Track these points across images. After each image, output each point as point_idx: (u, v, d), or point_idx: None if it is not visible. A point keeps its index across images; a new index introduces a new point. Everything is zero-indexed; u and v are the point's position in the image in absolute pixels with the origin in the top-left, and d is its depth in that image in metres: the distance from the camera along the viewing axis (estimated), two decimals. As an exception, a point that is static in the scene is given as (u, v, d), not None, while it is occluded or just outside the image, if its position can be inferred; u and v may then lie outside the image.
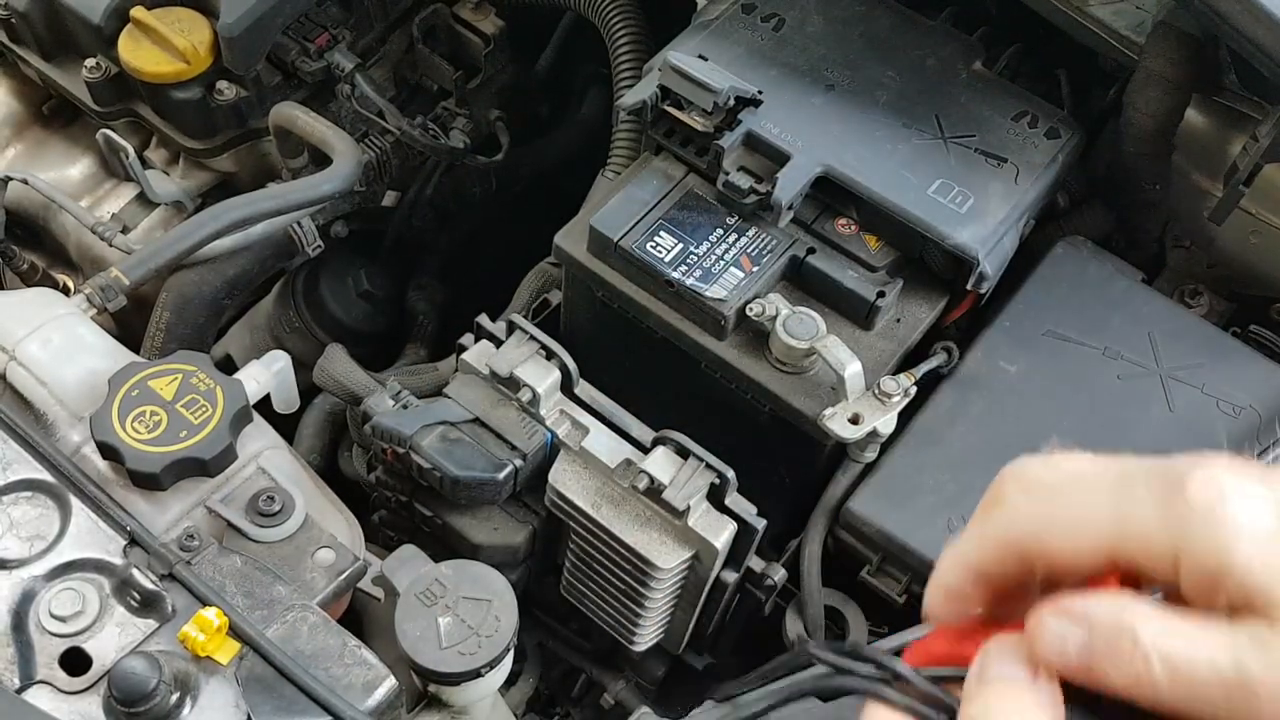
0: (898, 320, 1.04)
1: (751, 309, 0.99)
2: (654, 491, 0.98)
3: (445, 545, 1.11)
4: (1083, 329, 1.07)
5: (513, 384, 1.03)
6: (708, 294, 1.00)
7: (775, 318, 0.98)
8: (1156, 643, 0.46)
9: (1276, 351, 1.10)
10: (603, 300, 1.08)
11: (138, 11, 1.29)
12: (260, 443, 1.00)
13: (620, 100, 1.14)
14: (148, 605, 0.87)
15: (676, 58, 1.02)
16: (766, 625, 1.12)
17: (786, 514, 1.08)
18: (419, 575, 0.92)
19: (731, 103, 1.02)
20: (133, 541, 0.90)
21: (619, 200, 1.04)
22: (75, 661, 0.85)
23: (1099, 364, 1.05)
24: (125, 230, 1.37)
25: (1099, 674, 0.47)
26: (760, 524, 0.98)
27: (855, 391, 0.97)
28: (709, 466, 0.97)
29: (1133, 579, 0.48)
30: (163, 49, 1.30)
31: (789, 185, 1.01)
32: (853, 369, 0.96)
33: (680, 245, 1.01)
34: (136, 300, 1.20)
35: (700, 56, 1.06)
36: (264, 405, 1.07)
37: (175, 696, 0.81)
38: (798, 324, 0.98)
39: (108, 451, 0.93)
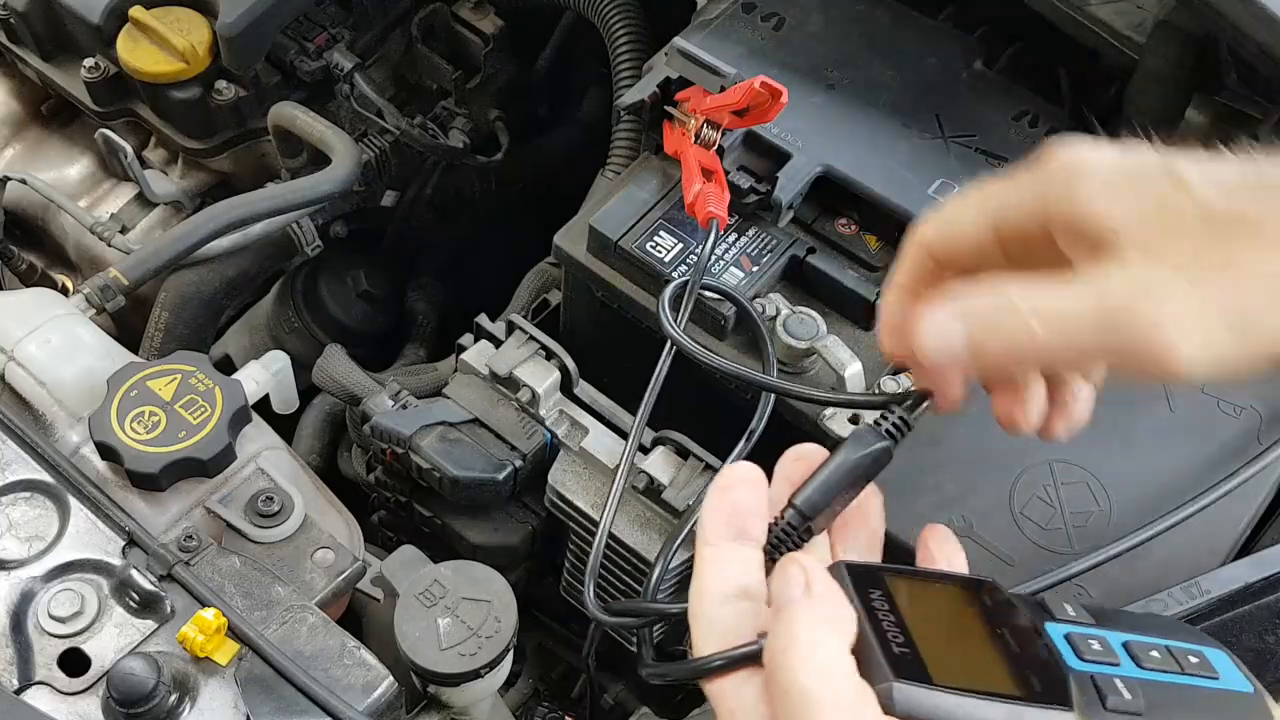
0: (898, 320, 1.04)
1: (752, 309, 0.99)
2: (654, 491, 0.98)
3: (445, 546, 1.11)
4: (1083, 329, 1.07)
5: (512, 384, 1.03)
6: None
7: (775, 318, 0.98)
8: (1032, 305, 0.49)
9: (1277, 351, 1.10)
10: (602, 300, 1.07)
11: (136, 11, 1.29)
12: (259, 443, 1.00)
13: (620, 100, 1.14)
14: (147, 606, 0.87)
15: (683, 43, 1.02)
16: (766, 626, 1.11)
17: (786, 514, 1.08)
18: (418, 576, 0.92)
19: (731, 102, 1.02)
20: (131, 542, 0.89)
21: (619, 200, 1.04)
22: (74, 662, 0.85)
23: (1099, 364, 1.05)
24: (124, 230, 1.36)
25: (986, 352, 0.51)
26: (760, 524, 0.97)
27: (854, 391, 0.97)
28: (709, 467, 0.97)
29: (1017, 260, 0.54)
30: (161, 49, 1.29)
31: (789, 185, 1.01)
32: (853, 369, 0.96)
33: (680, 245, 1.01)
34: (135, 300, 1.20)
35: (700, 56, 1.07)
36: (263, 406, 1.07)
37: (174, 697, 0.81)
38: (798, 324, 0.98)
39: (106, 452, 0.93)
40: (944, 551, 0.58)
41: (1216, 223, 0.47)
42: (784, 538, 0.54)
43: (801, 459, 0.57)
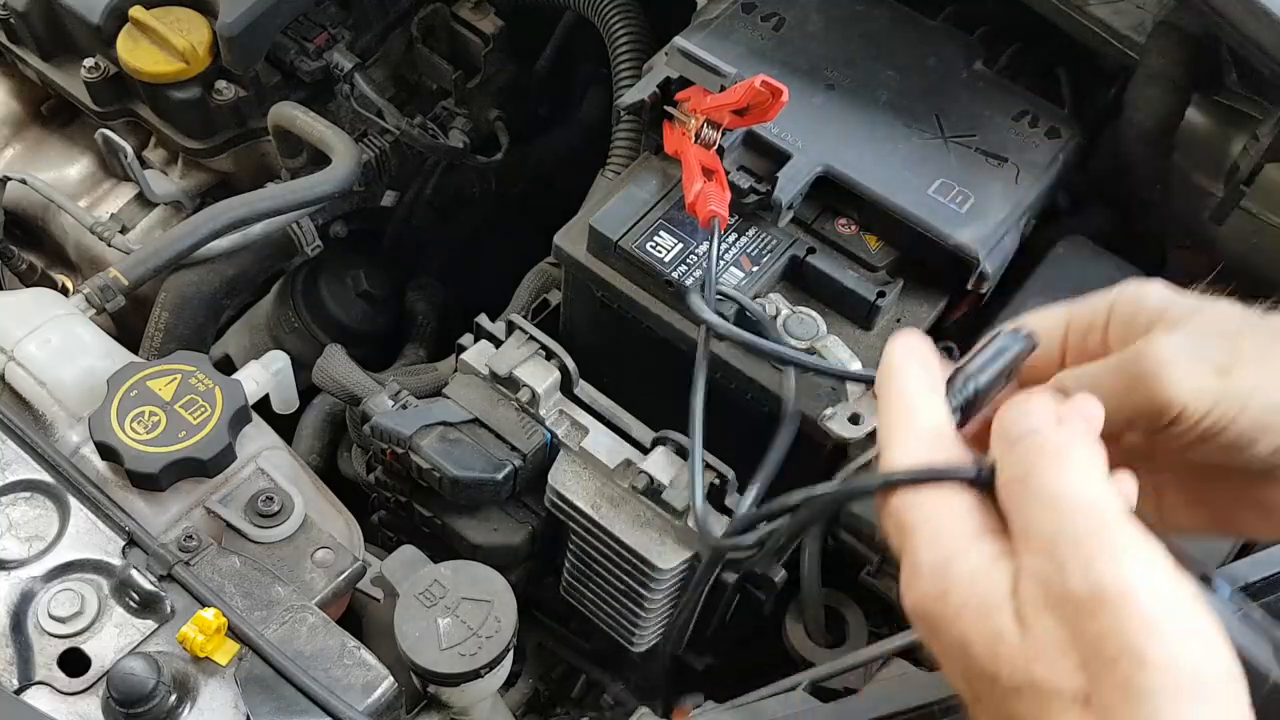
0: (898, 320, 1.04)
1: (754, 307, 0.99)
2: (654, 491, 0.98)
3: (445, 546, 1.11)
4: (1083, 329, 1.06)
5: (512, 384, 1.03)
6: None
7: (775, 318, 0.98)
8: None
9: (1277, 351, 1.10)
10: (602, 300, 1.07)
11: (136, 11, 1.29)
12: (259, 443, 1.00)
13: (620, 100, 1.14)
14: (147, 606, 0.87)
15: (683, 43, 1.02)
16: (766, 625, 1.11)
17: (786, 514, 1.08)
18: (419, 576, 0.92)
19: (731, 102, 1.02)
20: (131, 542, 0.89)
21: (619, 200, 1.04)
22: (74, 662, 0.85)
23: (1099, 364, 1.04)
24: (124, 230, 1.36)
25: None
26: (760, 524, 0.98)
27: (855, 391, 0.97)
28: (709, 466, 0.97)
29: None
30: (161, 49, 1.29)
31: (789, 185, 1.01)
32: (853, 369, 0.96)
33: (680, 245, 1.01)
34: (135, 300, 1.20)
35: (700, 56, 1.06)
36: (263, 406, 1.07)
37: (174, 697, 0.81)
38: (798, 324, 0.98)
39: (106, 452, 0.93)
40: None
41: None
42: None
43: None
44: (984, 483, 0.50)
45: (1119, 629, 0.44)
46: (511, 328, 1.05)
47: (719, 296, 0.97)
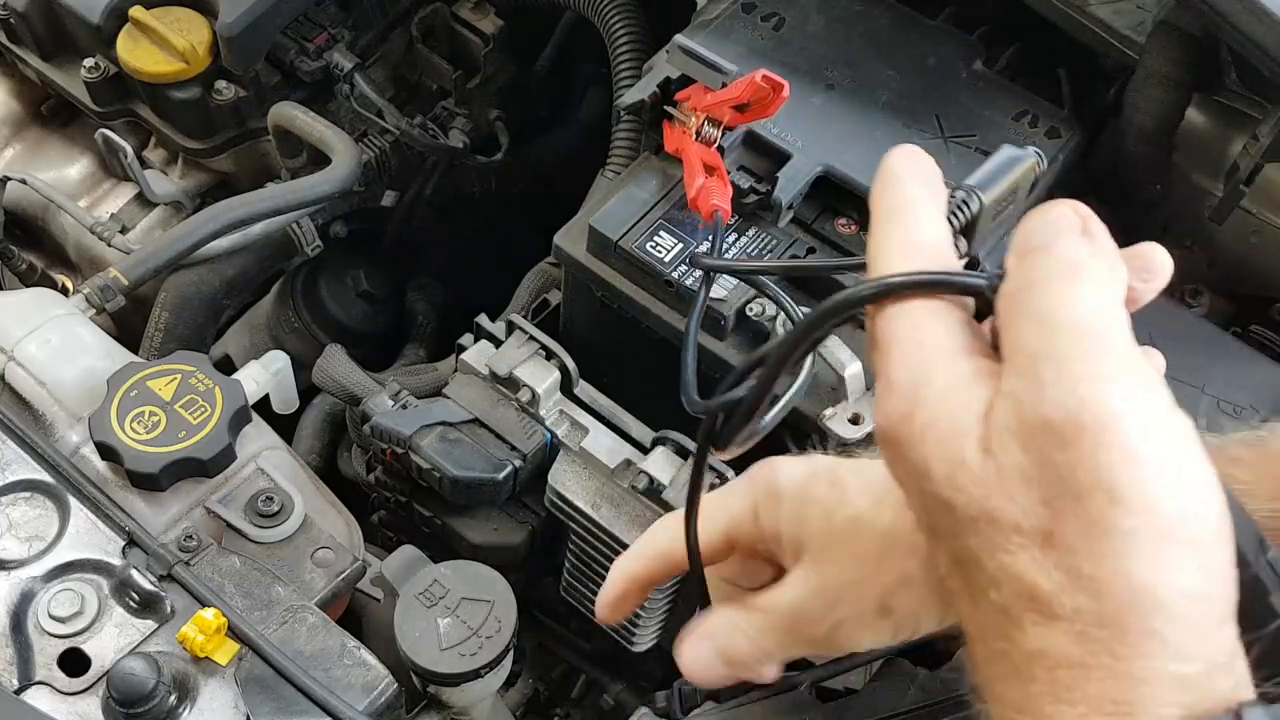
0: (898, 320, 1.04)
1: (751, 309, 0.99)
2: (654, 491, 0.98)
3: (445, 546, 1.11)
4: (1083, 329, 1.06)
5: (512, 384, 1.03)
6: (708, 294, 1.00)
7: (775, 318, 0.98)
8: (752, 623, 0.59)
9: (1277, 351, 1.10)
10: (602, 300, 1.07)
11: (136, 11, 1.29)
12: (259, 443, 1.00)
13: (620, 100, 1.14)
14: (146, 606, 0.87)
15: (684, 41, 1.02)
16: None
17: (786, 514, 1.08)
18: (419, 576, 0.92)
19: (731, 101, 1.02)
20: (131, 542, 0.89)
21: (619, 200, 1.04)
22: (74, 662, 0.85)
23: (1099, 364, 1.04)
24: (124, 230, 1.36)
25: (735, 665, 0.59)
26: (760, 524, 0.97)
27: (856, 391, 0.97)
28: (709, 467, 0.97)
29: None
30: (161, 49, 1.29)
31: (789, 185, 1.01)
32: (853, 369, 0.96)
33: (680, 245, 1.01)
34: (135, 300, 1.20)
35: (700, 56, 1.06)
36: (263, 406, 1.07)
37: (174, 697, 0.82)
38: (798, 324, 0.98)
39: (106, 452, 0.93)
40: None
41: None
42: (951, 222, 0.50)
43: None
44: (990, 298, 0.45)
45: (1094, 461, 0.39)
46: (511, 328, 1.05)
47: (721, 296, 0.97)
